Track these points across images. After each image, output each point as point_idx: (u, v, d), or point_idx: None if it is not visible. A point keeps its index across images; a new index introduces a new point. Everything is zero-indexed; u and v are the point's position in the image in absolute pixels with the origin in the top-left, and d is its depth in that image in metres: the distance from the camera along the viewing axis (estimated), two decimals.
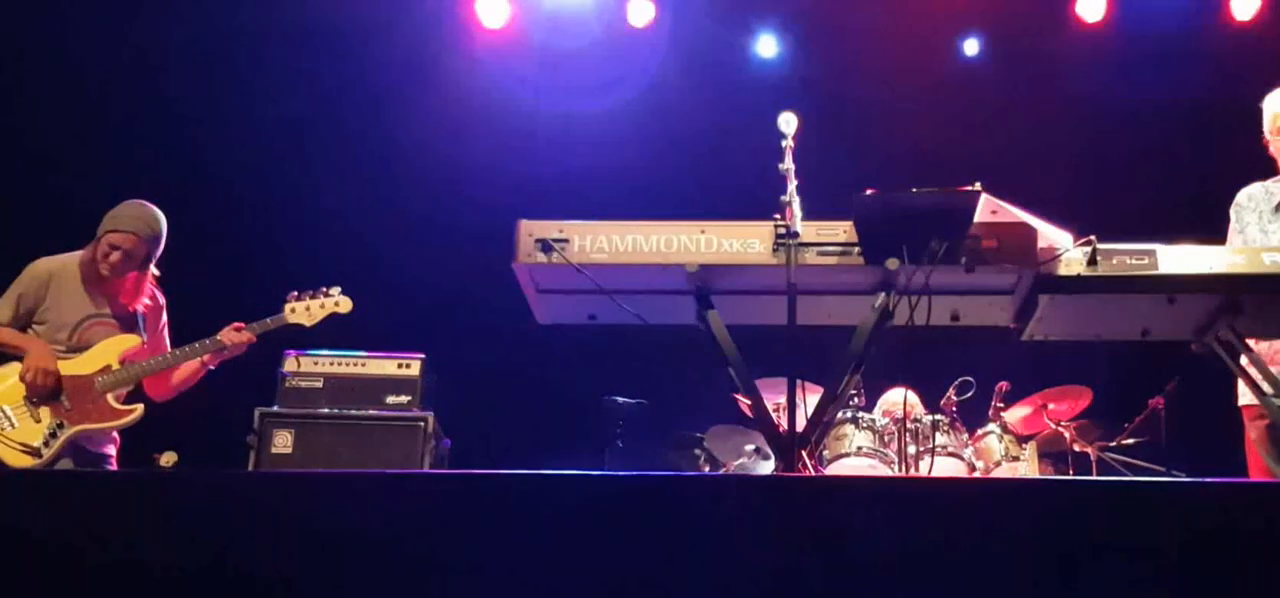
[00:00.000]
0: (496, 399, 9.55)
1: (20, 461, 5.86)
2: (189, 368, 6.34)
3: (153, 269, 6.33)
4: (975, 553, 3.42)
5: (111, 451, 6.23)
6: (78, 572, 3.49)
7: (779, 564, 3.42)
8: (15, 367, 6.01)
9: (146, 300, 6.35)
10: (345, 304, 6.49)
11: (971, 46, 10.51)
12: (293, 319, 6.42)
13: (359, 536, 3.51)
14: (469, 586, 3.46)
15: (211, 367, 6.35)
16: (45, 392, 5.93)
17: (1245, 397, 6.17)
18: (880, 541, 3.45)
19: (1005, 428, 8.19)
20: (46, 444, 5.91)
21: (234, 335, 6.25)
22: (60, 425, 5.95)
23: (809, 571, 3.42)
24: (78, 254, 6.22)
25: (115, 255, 6.14)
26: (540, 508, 3.55)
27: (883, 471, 7.77)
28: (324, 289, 6.47)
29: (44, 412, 5.95)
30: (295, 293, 6.44)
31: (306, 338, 6.59)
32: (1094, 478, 7.42)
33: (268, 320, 6.37)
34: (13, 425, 5.90)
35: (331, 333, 6.56)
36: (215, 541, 3.54)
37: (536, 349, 7.74)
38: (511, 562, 3.46)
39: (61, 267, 6.20)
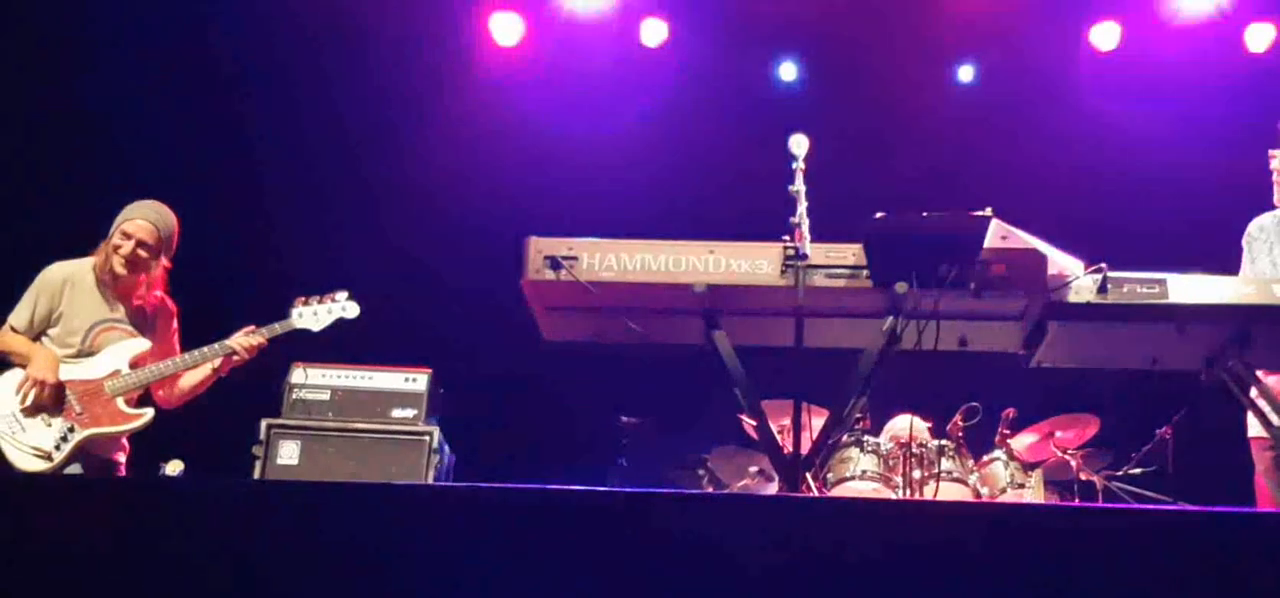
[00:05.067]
0: (502, 415, 9.54)
1: (32, 465, 5.85)
2: (199, 374, 6.33)
3: (164, 262, 6.31)
4: (978, 579, 3.41)
5: (121, 458, 6.23)
6: (84, 578, 3.49)
7: (781, 586, 3.42)
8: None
9: (158, 294, 6.34)
10: (352, 309, 6.47)
11: (966, 73, 10.51)
12: (300, 323, 6.40)
13: (362, 548, 3.51)
14: None
15: (223, 373, 6.34)
16: (43, 405, 5.92)
17: (1255, 429, 6.15)
18: (882, 564, 3.44)
19: (1011, 455, 8.16)
20: (57, 448, 5.90)
21: (244, 339, 6.24)
22: (71, 430, 5.95)
23: (810, 593, 3.41)
24: (91, 258, 6.22)
25: (128, 246, 6.13)
26: (542, 524, 3.54)
27: (887, 495, 7.76)
28: (331, 294, 6.46)
29: (55, 416, 5.95)
30: (302, 297, 6.43)
31: (314, 348, 6.58)
32: (1100, 506, 7.40)
33: (276, 325, 6.36)
34: (24, 430, 5.90)
35: (339, 345, 6.56)
36: (219, 550, 3.54)
37: (543, 366, 7.74)
38: (513, 577, 3.45)
39: (76, 271, 6.20)
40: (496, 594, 3.45)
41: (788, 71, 10.64)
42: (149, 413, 6.15)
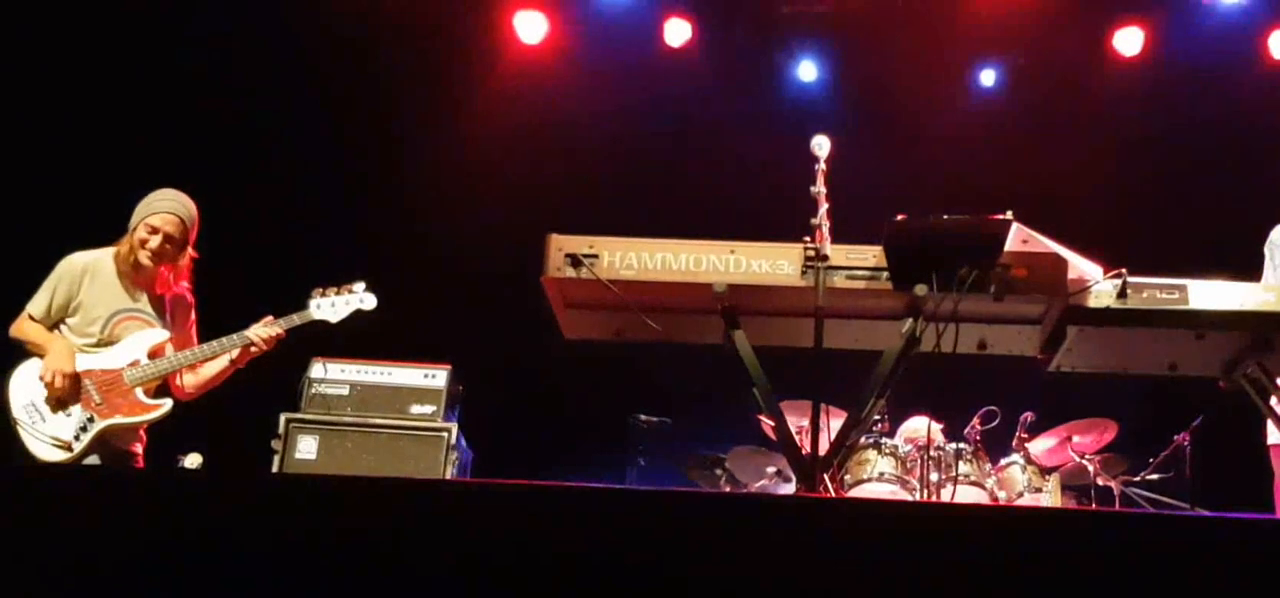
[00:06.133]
0: (521, 412, 9.56)
1: (52, 454, 5.88)
2: (217, 366, 6.34)
3: (190, 252, 6.33)
4: (995, 583, 3.41)
5: (138, 449, 6.25)
6: (101, 569, 3.51)
7: (797, 587, 3.42)
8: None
9: (184, 284, 6.36)
10: (369, 300, 6.47)
11: (987, 77, 10.52)
12: (318, 315, 6.39)
13: (379, 543, 3.52)
14: (487, 596, 3.47)
15: (241, 366, 6.36)
16: (62, 395, 5.95)
17: (1274, 436, 6.14)
18: (898, 567, 3.44)
19: (1029, 459, 8.16)
20: (77, 438, 5.93)
21: (263, 330, 6.25)
22: (91, 419, 5.97)
23: (827, 595, 3.42)
24: (111, 248, 6.24)
25: (156, 240, 6.15)
26: (560, 521, 3.55)
27: (904, 497, 7.75)
28: (348, 285, 6.46)
29: (74, 406, 5.98)
30: (320, 288, 6.44)
31: (334, 343, 6.60)
32: (1117, 511, 7.38)
33: (294, 316, 6.37)
34: (44, 420, 5.93)
35: (359, 340, 6.57)
36: (236, 543, 3.55)
37: (562, 364, 7.75)
38: (529, 574, 3.46)
39: (96, 260, 6.21)
40: (513, 592, 3.46)
41: (807, 72, 10.64)
42: (168, 403, 6.17)
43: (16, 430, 5.92)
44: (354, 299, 6.45)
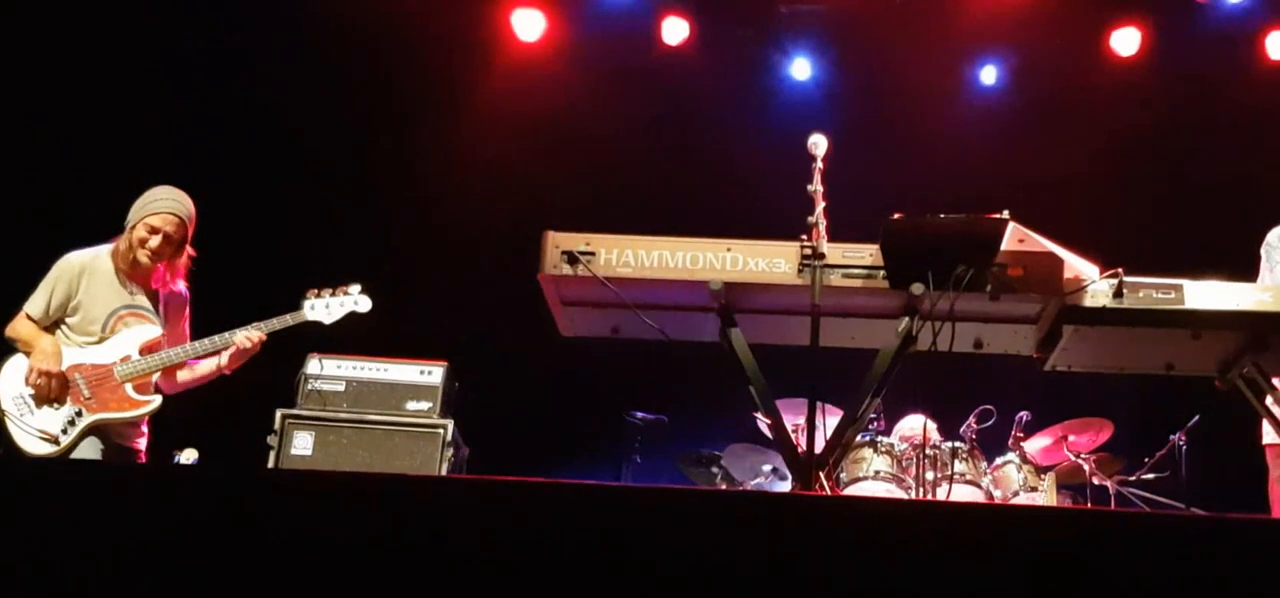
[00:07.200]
0: (517, 409, 9.55)
1: (39, 447, 5.88)
2: (208, 365, 6.34)
3: (189, 251, 6.32)
4: (990, 582, 3.41)
5: (140, 443, 6.24)
6: (92, 563, 3.51)
7: (792, 585, 3.42)
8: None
9: (180, 281, 6.36)
10: (364, 303, 6.48)
11: (988, 75, 10.52)
12: (311, 316, 6.40)
13: (374, 539, 3.51)
14: (482, 592, 3.47)
15: (228, 372, 6.35)
16: (47, 393, 5.94)
17: (1269, 436, 6.15)
18: (893, 565, 3.44)
19: (1024, 458, 8.15)
20: (64, 432, 5.92)
21: (253, 331, 6.24)
22: (78, 414, 5.96)
23: (822, 592, 3.41)
24: (108, 246, 6.23)
25: (156, 240, 6.14)
26: (556, 518, 3.55)
27: (900, 495, 7.75)
28: (343, 287, 6.46)
29: (65, 399, 5.97)
30: (314, 289, 6.44)
31: (331, 340, 6.59)
32: (1112, 511, 7.39)
33: (287, 316, 6.37)
34: (32, 413, 5.92)
35: (356, 337, 6.57)
36: (231, 538, 3.55)
37: (559, 361, 7.76)
38: (526, 570, 3.46)
39: (93, 258, 6.20)
40: (508, 588, 3.46)
41: (804, 70, 10.64)
42: (157, 399, 6.16)
43: (4, 423, 5.92)
44: (349, 301, 6.46)
